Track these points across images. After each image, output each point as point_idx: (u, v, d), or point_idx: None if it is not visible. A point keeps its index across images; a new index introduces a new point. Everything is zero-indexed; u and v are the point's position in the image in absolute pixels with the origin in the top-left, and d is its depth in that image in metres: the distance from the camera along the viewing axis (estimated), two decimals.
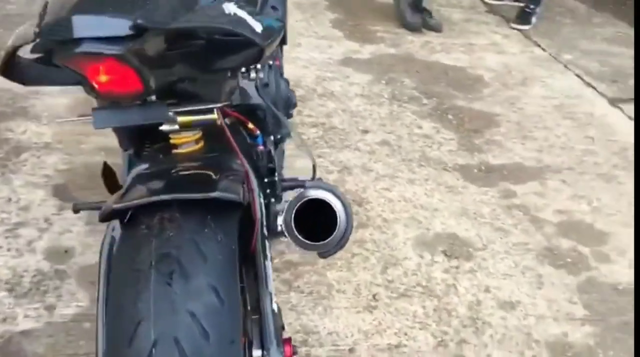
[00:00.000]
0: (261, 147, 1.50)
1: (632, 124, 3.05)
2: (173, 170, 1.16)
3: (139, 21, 0.87)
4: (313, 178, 1.14)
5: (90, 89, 0.96)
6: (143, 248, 1.00)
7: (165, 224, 1.02)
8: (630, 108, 3.17)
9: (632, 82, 3.44)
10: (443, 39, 3.68)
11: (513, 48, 3.70)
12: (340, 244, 1.06)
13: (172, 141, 1.39)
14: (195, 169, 1.18)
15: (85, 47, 0.88)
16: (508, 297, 1.97)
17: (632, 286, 2.06)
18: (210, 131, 1.26)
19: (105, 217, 1.06)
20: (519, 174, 2.58)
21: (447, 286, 1.98)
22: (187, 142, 1.37)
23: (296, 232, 1.01)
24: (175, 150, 1.40)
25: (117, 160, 2.34)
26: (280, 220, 1.05)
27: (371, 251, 2.07)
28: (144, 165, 1.28)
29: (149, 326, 0.91)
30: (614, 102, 3.23)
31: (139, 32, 0.88)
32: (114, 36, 0.88)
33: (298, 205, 1.02)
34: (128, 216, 1.09)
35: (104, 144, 2.40)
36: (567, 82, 3.38)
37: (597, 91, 3.32)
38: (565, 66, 3.55)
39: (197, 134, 1.30)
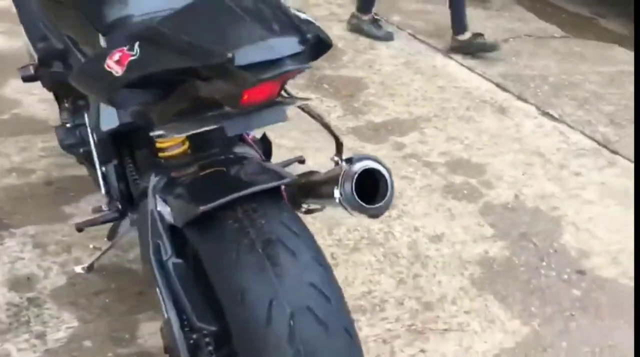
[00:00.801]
0: (251, 135, 1.62)
1: (466, 70, 3.55)
2: (222, 170, 1.24)
3: (308, 36, 0.97)
4: (339, 154, 1.30)
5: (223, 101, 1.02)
6: (242, 239, 1.10)
7: (252, 215, 1.13)
8: (459, 57, 3.67)
9: None
10: None
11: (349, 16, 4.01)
12: (390, 204, 1.24)
13: (158, 145, 1.45)
14: (238, 164, 1.27)
15: (288, 65, 0.95)
16: (434, 232, 2.29)
17: (517, 203, 2.50)
18: None
19: (190, 221, 1.14)
20: (399, 127, 2.91)
21: (385, 233, 2.25)
22: (174, 145, 1.45)
23: (358, 199, 1.17)
24: (162, 153, 1.46)
25: (27, 180, 2.26)
26: (336, 192, 1.19)
27: (313, 217, 2.24)
28: (168, 173, 1.33)
29: (282, 302, 1.03)
30: (446, 53, 3.71)
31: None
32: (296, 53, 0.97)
33: (357, 176, 1.17)
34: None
35: (10, 165, 2.27)
36: (405, 41, 3.80)
37: (431, 46, 3.78)
38: (398, 27, 3.96)
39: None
